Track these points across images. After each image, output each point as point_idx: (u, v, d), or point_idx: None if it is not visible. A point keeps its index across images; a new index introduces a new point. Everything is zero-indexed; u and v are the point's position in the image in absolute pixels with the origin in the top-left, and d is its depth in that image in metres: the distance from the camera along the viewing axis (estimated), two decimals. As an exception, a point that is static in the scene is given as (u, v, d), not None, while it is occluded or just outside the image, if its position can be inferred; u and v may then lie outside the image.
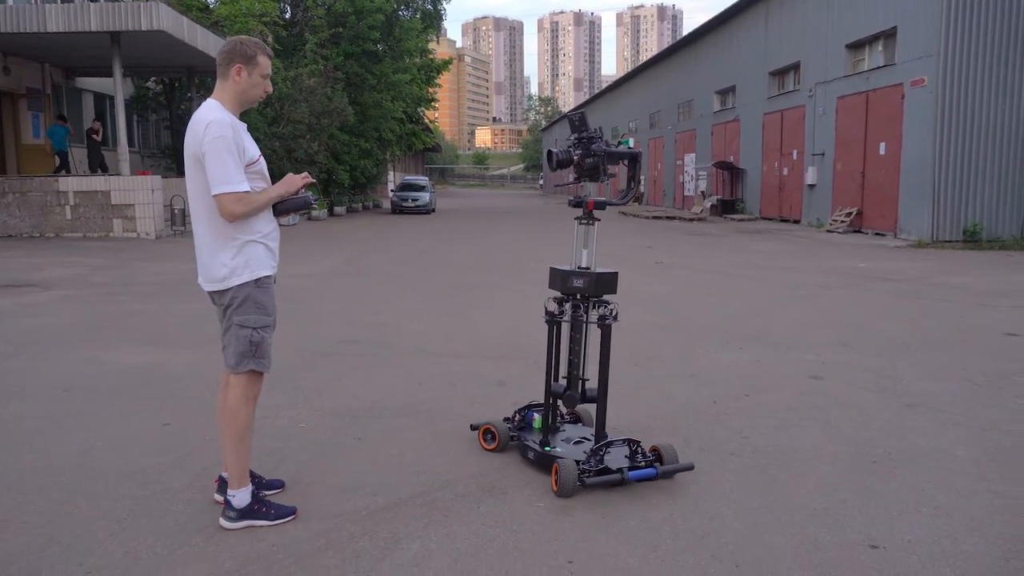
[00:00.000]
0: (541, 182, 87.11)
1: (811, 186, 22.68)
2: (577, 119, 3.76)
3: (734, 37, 28.58)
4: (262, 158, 3.14)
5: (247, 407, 3.11)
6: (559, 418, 4.06)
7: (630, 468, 3.48)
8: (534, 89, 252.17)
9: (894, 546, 3.01)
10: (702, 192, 31.63)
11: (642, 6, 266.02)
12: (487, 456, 3.92)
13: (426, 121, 44.57)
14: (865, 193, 19.93)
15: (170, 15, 15.36)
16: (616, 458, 3.56)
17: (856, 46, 20.65)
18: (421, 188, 31.45)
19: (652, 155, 38.54)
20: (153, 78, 23.59)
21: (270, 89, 3.17)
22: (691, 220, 26.81)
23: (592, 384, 3.80)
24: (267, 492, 3.33)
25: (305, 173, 3.18)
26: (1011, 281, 11.20)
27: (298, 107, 23.33)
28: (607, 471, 3.45)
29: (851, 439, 4.28)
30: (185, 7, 21.36)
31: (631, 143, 3.80)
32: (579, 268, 3.79)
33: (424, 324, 7.57)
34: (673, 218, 27.76)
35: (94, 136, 19.29)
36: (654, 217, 28.22)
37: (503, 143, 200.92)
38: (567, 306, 3.80)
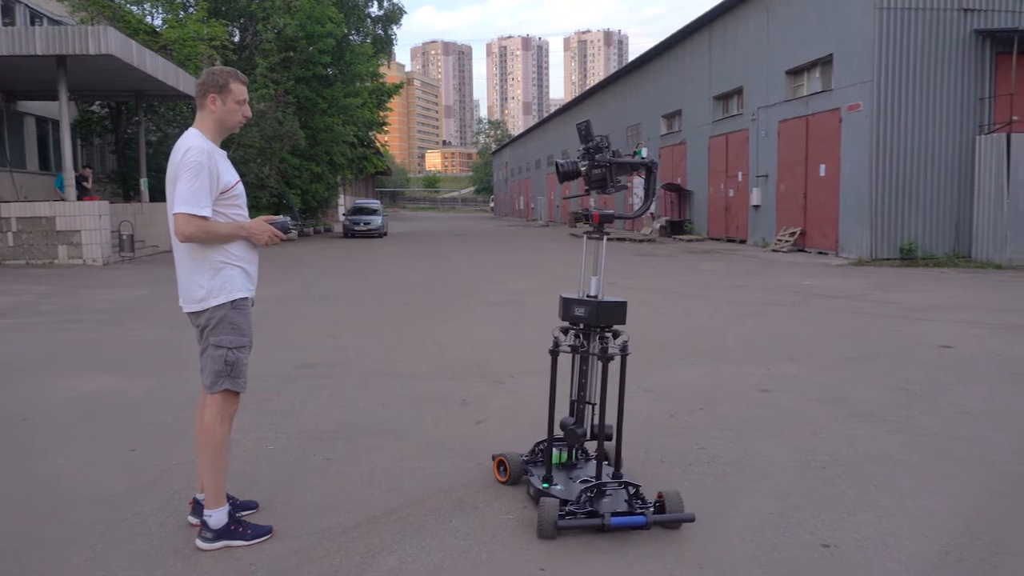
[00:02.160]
0: (492, 205, 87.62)
1: (756, 207, 23.36)
2: (583, 128, 3.59)
3: (679, 63, 29.37)
4: (240, 184, 3.24)
5: (222, 426, 3.18)
6: (582, 455, 3.88)
7: (615, 514, 3.27)
8: (483, 113, 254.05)
9: (844, 545, 3.21)
10: (651, 213, 32.24)
11: (588, 31, 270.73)
12: (456, 473, 4.02)
13: (377, 145, 44.58)
14: (807, 213, 20.62)
15: (119, 39, 15.19)
16: (616, 501, 3.38)
17: (795, 72, 21.45)
18: (373, 212, 31.42)
19: (601, 177, 39.16)
20: (98, 102, 23.20)
21: (248, 113, 3.29)
22: (641, 241, 27.30)
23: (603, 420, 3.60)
24: (242, 512, 3.39)
25: (274, 231, 3.22)
26: (945, 296, 11.73)
27: (249, 131, 23.18)
28: (595, 515, 3.27)
29: (800, 447, 4.50)
30: (132, 31, 21.16)
31: (644, 153, 3.55)
32: (587, 296, 3.58)
33: (384, 346, 7.64)
34: (623, 239, 28.23)
35: (84, 183, 18.94)
36: (605, 238, 28.61)
37: (453, 166, 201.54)
38: (570, 336, 3.63)
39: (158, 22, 25.88)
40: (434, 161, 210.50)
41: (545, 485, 3.52)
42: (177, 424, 4.86)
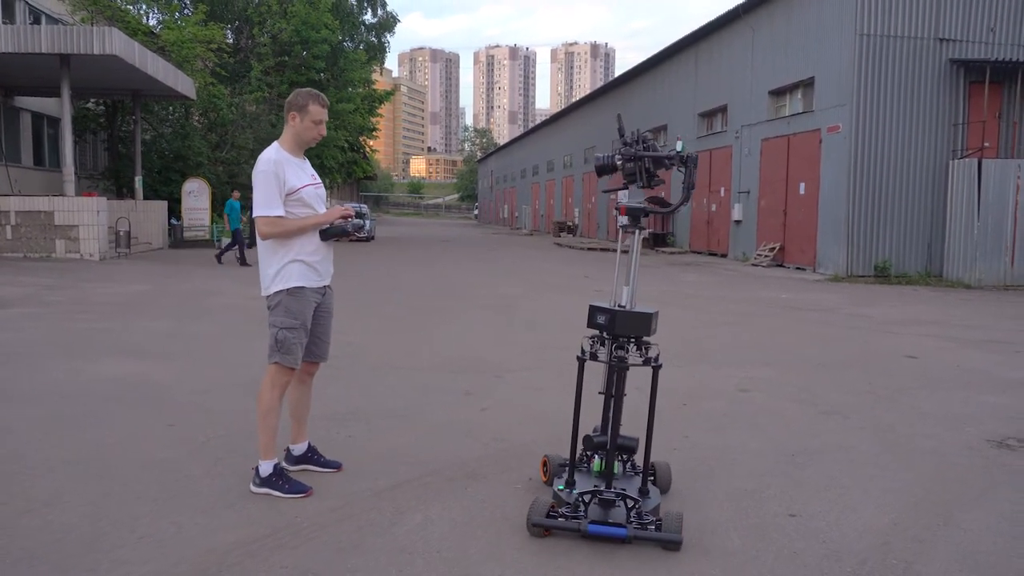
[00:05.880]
0: (476, 212, 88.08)
1: (737, 222, 24.01)
2: (618, 123, 3.55)
3: (666, 79, 30.06)
4: (308, 187, 3.71)
5: (272, 392, 3.71)
6: (631, 468, 3.87)
7: (594, 522, 3.29)
8: (469, 120, 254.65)
9: (808, 514, 3.71)
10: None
11: (576, 43, 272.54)
12: (467, 451, 4.48)
13: (366, 150, 44.96)
14: (787, 230, 21.28)
15: (122, 40, 15.55)
16: (621, 512, 3.39)
17: (778, 93, 22.15)
18: (361, 216, 31.78)
19: (587, 189, 39.83)
20: (93, 99, 23.46)
21: (323, 132, 3.81)
22: (624, 252, 27.81)
23: (626, 431, 3.75)
24: (322, 469, 4.03)
25: (347, 208, 3.76)
26: (914, 312, 12.34)
27: (243, 133, 23.54)
28: (576, 519, 3.32)
29: (774, 438, 5.00)
30: (131, 31, 21.46)
31: (679, 147, 3.43)
32: (618, 306, 3.56)
33: (386, 343, 8.07)
34: (607, 250, 28.78)
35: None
36: (588, 248, 29.21)
37: (438, 173, 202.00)
38: (594, 344, 3.61)
39: (153, 22, 26.23)
40: (419, 167, 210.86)
41: (561, 487, 3.59)
42: (206, 404, 5.28)
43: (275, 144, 3.73)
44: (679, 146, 3.46)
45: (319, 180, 3.88)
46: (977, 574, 3.14)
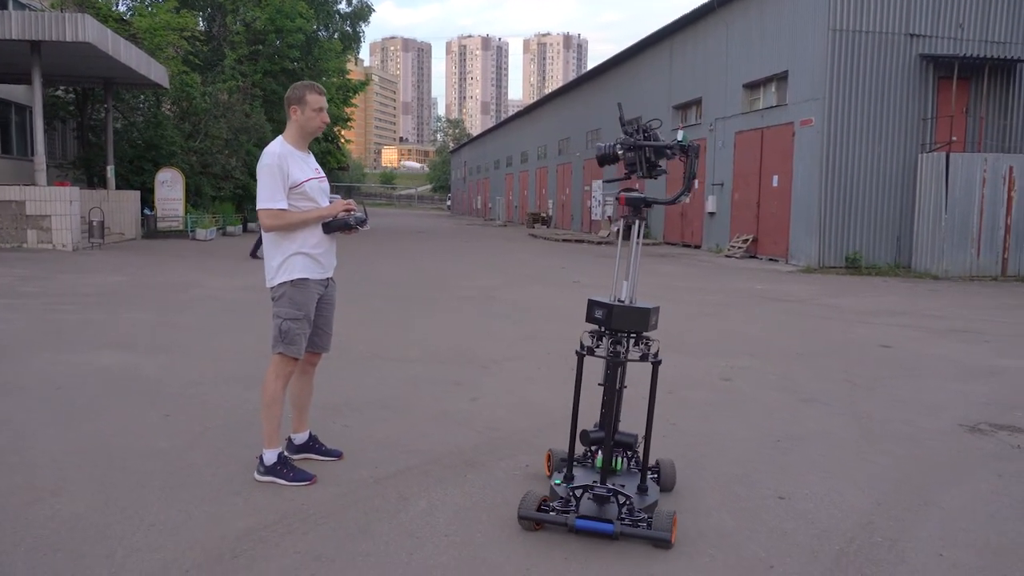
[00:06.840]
0: (449, 203, 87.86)
1: (711, 214, 24.30)
2: (619, 111, 3.48)
3: (641, 71, 30.24)
4: (312, 181, 3.76)
5: (276, 382, 3.77)
6: (635, 464, 3.84)
7: (582, 516, 3.28)
8: (441, 111, 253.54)
9: (795, 497, 3.86)
10: (609, 217, 33.07)
11: (548, 34, 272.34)
12: (463, 439, 4.58)
13: (340, 141, 44.67)
14: (760, 222, 21.59)
15: (96, 27, 15.33)
16: (613, 507, 3.36)
17: (752, 86, 22.42)
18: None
19: (561, 180, 39.99)
20: (63, 87, 23.07)
21: (326, 119, 3.87)
22: (599, 243, 28.06)
23: (625, 427, 3.77)
24: (323, 458, 4.08)
25: (350, 201, 3.82)
26: (885, 302, 12.64)
27: (216, 123, 23.30)
28: (566, 513, 3.31)
29: (758, 426, 5.16)
30: (102, 18, 21.12)
31: (681, 137, 3.40)
32: (618, 300, 3.51)
33: (371, 334, 8.13)
34: (581, 241, 28.96)
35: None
36: (563, 240, 29.36)
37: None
38: (592, 338, 3.58)
39: (122, 8, 25.81)
40: (390, 157, 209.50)
41: (557, 482, 3.59)
42: (200, 395, 5.32)
43: (279, 138, 3.80)
44: (680, 136, 3.41)
45: (323, 174, 3.93)
46: (958, 549, 3.31)
